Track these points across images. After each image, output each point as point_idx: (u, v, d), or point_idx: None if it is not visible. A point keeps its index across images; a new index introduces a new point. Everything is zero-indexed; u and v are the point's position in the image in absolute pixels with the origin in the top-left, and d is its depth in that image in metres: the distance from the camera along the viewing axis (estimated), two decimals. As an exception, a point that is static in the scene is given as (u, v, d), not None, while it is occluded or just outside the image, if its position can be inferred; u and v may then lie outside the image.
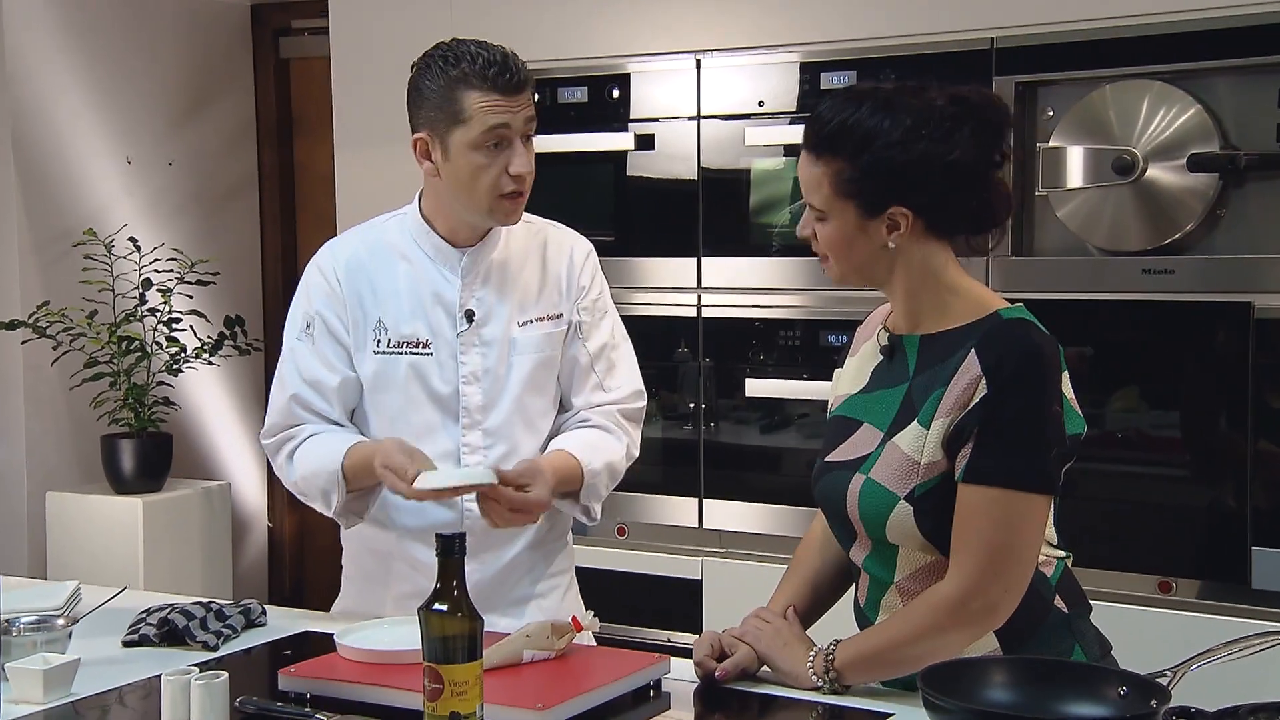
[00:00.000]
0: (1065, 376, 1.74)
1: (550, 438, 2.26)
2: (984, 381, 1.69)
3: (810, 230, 1.80)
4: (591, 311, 2.27)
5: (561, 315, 2.24)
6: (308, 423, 2.19)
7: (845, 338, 2.01)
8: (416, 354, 2.17)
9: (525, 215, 2.24)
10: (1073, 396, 1.75)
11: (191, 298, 4.21)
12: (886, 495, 1.74)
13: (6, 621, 1.96)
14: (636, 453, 2.30)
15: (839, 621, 1.92)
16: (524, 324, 2.21)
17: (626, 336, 2.33)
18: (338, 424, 2.20)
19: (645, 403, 2.32)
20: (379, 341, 2.18)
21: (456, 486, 2.01)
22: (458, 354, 2.18)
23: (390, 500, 2.19)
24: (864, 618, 1.85)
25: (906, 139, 1.71)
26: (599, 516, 2.25)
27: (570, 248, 2.27)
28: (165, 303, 4.11)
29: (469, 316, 2.18)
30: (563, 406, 2.29)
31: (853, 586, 1.91)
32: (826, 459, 1.86)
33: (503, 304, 2.20)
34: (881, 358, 1.85)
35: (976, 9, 3.04)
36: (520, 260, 2.22)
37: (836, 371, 1.97)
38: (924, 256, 1.77)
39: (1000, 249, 1.85)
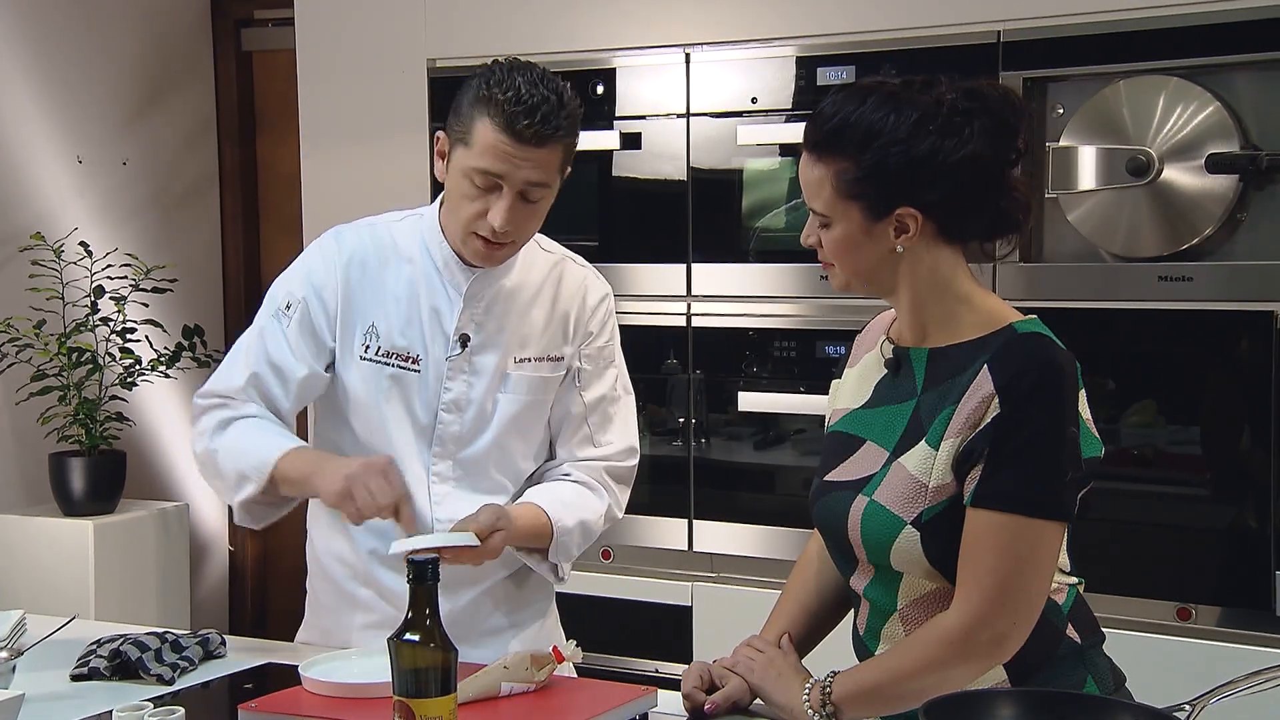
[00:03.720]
0: (1083, 395, 1.74)
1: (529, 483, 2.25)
2: (997, 400, 1.69)
3: (815, 238, 1.80)
4: (595, 360, 2.25)
5: (562, 359, 2.22)
6: (254, 403, 2.16)
7: (843, 349, 2.02)
8: (403, 369, 2.16)
9: (547, 243, 2.24)
10: (1089, 417, 1.75)
11: (147, 306, 4.19)
12: (891, 519, 1.74)
13: (-54, 653, 1.96)
14: (620, 514, 2.28)
15: (837, 650, 1.92)
16: (520, 361, 2.19)
17: (630, 390, 2.31)
18: (283, 420, 2.17)
19: (636, 461, 2.30)
20: (367, 348, 2.16)
21: (437, 548, 1.96)
22: (444, 377, 2.17)
23: (347, 528, 2.18)
24: (863, 647, 1.85)
25: (913, 134, 1.71)
26: (567, 577, 2.23)
27: (585, 289, 2.25)
28: (119, 312, 4.09)
29: (464, 341, 2.16)
30: (550, 453, 2.28)
31: (852, 614, 1.91)
32: (826, 478, 1.86)
33: (502, 335, 2.18)
34: (885, 371, 1.85)
35: (982, 0, 3.06)
36: (531, 293, 2.20)
37: (834, 383, 1.97)
38: (933, 263, 1.77)
39: (1007, 255, 1.86)
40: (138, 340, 4.14)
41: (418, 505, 2.14)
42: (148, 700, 1.87)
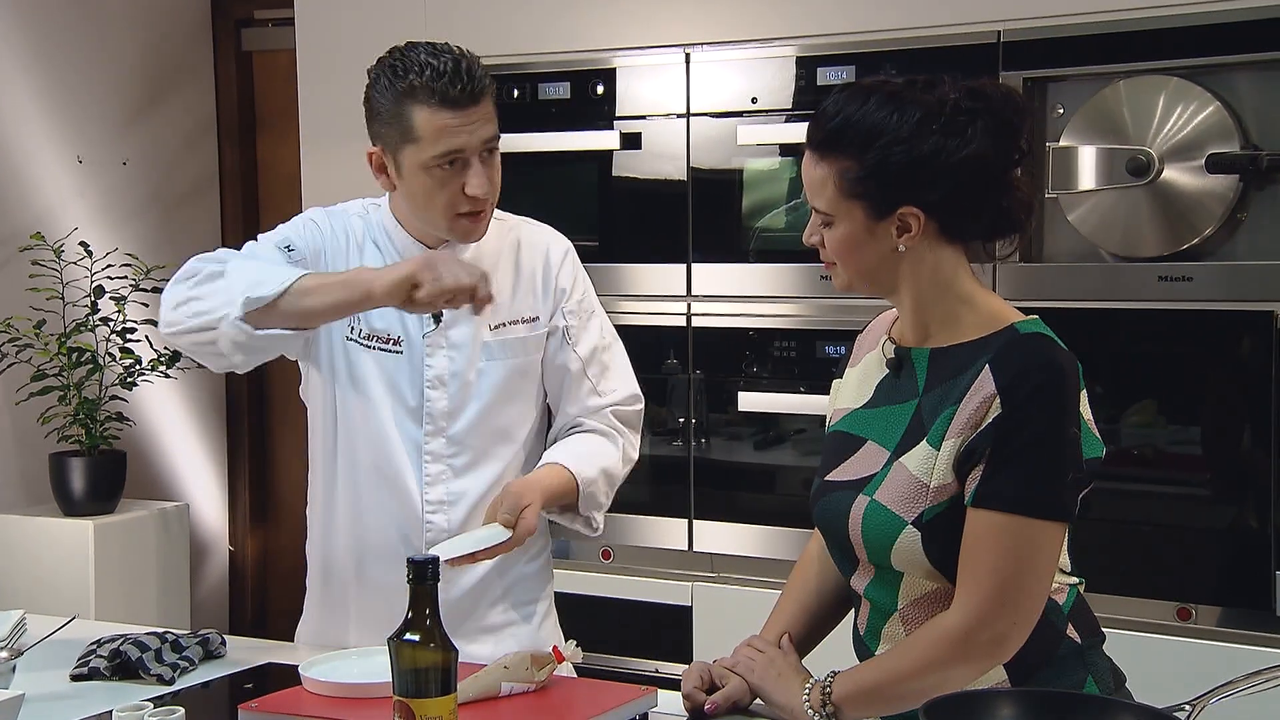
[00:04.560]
0: (1084, 396, 1.75)
1: (530, 447, 2.27)
2: (998, 400, 1.69)
3: (817, 237, 1.80)
4: (577, 314, 2.27)
5: (538, 318, 2.25)
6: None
7: (844, 349, 2.02)
8: (385, 350, 2.19)
9: (498, 213, 2.25)
10: (1090, 418, 1.75)
11: (147, 306, 4.18)
12: (893, 519, 1.74)
13: (-54, 653, 1.95)
14: (635, 455, 2.31)
15: (837, 650, 1.92)
16: (496, 327, 2.22)
17: (616, 335, 2.34)
18: None
19: (643, 406, 2.33)
20: (352, 329, 2.19)
21: (474, 552, 2.03)
22: (424, 355, 2.19)
23: (343, 520, 2.21)
24: (864, 647, 1.85)
25: (916, 134, 1.71)
26: (601, 527, 2.25)
27: (546, 247, 2.29)
28: (119, 311, 4.09)
29: (436, 318, 2.18)
30: (553, 416, 2.30)
31: (852, 614, 1.91)
32: (826, 478, 1.86)
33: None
34: (887, 371, 1.85)
35: (982, 0, 3.06)
36: (492, 261, 2.23)
37: (835, 383, 1.97)
38: (935, 263, 1.77)
39: (1009, 255, 1.86)
40: (138, 340, 4.13)
41: (410, 486, 2.18)
42: (148, 700, 1.87)
